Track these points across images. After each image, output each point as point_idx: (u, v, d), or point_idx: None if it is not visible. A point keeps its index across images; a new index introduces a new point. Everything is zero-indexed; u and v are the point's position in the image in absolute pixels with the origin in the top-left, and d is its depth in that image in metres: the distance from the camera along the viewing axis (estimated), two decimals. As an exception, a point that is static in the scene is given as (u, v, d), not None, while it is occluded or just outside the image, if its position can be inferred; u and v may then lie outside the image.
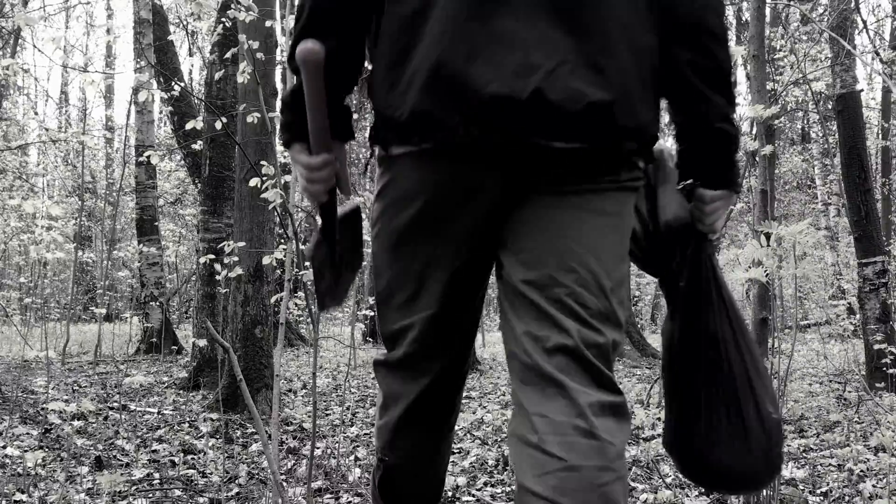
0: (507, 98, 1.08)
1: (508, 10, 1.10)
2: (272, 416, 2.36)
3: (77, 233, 11.57)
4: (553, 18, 1.10)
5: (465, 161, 1.14)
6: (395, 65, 1.15)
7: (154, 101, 9.39)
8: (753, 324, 2.30)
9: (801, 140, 16.54)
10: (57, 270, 18.27)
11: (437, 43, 1.11)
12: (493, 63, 1.09)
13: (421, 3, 1.14)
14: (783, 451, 1.38)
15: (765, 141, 2.31)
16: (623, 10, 1.14)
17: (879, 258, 5.37)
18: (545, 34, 1.10)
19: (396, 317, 1.28)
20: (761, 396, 1.29)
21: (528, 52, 1.09)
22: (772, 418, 1.30)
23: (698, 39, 1.20)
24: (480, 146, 1.12)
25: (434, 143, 1.13)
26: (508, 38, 1.09)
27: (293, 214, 2.44)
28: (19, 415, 4.08)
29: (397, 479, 1.42)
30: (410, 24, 1.14)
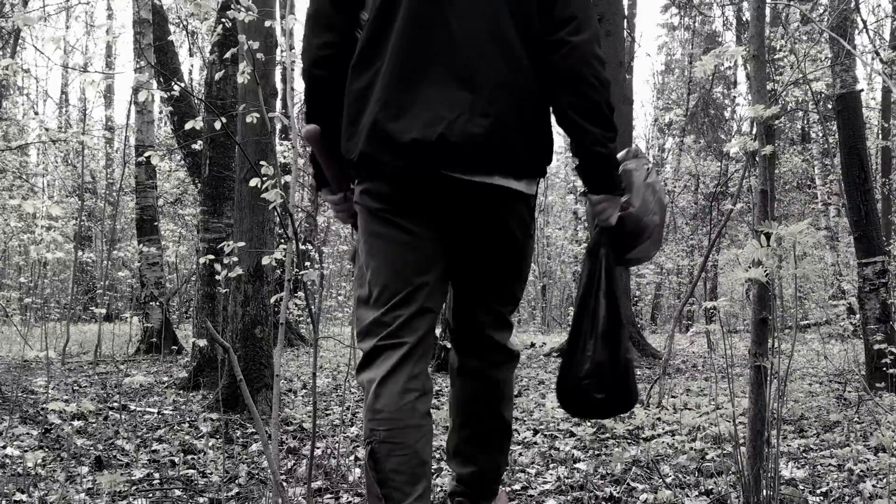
0: (421, 141, 1.58)
1: (427, 81, 1.61)
2: (272, 416, 2.36)
3: (77, 233, 11.57)
4: (457, 84, 1.60)
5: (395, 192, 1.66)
6: (351, 124, 1.68)
7: (154, 101, 9.38)
8: (753, 324, 2.30)
9: (801, 140, 16.54)
10: (57, 270, 18.26)
11: (376, 107, 1.62)
12: (413, 118, 1.59)
13: (369, 80, 1.65)
14: (636, 384, 1.87)
15: (765, 141, 2.31)
16: (506, 70, 1.62)
17: (879, 258, 5.37)
18: (450, 95, 1.60)
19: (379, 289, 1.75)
20: (623, 343, 1.81)
21: (437, 109, 1.59)
22: (626, 356, 1.82)
23: (577, 87, 1.64)
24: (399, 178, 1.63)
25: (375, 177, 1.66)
26: (424, 101, 1.60)
27: (293, 214, 2.44)
28: (19, 415, 4.08)
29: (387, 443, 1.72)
30: (361, 96, 1.66)
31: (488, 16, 1.63)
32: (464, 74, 1.61)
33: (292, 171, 2.82)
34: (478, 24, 1.62)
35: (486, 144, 1.60)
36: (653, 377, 5.99)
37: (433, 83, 1.61)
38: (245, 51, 2.86)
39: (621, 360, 1.81)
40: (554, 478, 2.98)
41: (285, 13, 2.90)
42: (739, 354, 8.68)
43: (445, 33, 1.62)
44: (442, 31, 1.62)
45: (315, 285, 8.37)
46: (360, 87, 1.67)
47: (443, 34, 1.62)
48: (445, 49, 1.62)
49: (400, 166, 1.61)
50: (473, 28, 1.62)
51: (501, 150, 1.62)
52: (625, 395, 1.84)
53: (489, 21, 1.63)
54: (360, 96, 1.66)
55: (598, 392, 1.80)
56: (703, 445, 3.46)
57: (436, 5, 1.62)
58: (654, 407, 4.56)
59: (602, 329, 1.79)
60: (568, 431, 3.95)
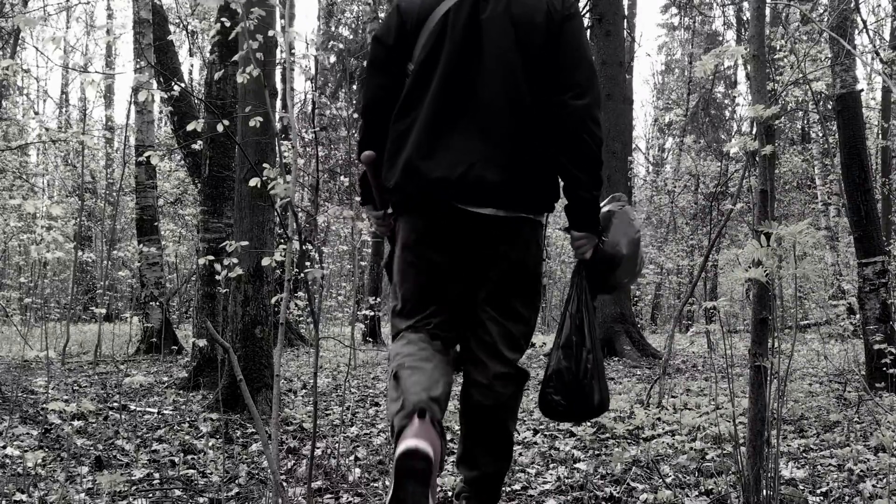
0: (444, 179, 1.97)
1: (454, 132, 2.00)
2: (272, 416, 2.36)
3: (77, 233, 11.56)
4: (478, 136, 1.99)
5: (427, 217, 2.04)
6: (391, 158, 2.07)
7: (154, 101, 9.38)
8: (753, 324, 2.30)
9: (801, 140, 16.55)
10: (57, 270, 18.26)
11: (412, 148, 2.02)
12: (440, 160, 1.99)
13: (408, 125, 2.05)
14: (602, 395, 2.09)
15: (765, 141, 2.31)
16: (519, 127, 2.01)
17: (879, 258, 5.37)
18: (471, 145, 1.99)
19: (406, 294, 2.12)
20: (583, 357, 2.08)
21: (460, 155, 1.98)
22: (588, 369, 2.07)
23: (573, 142, 2.02)
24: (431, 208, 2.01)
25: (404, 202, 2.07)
26: (450, 147, 1.99)
27: (296, 213, 2.44)
28: (19, 415, 4.08)
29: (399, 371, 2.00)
30: (401, 136, 2.05)
31: (508, 83, 2.02)
32: (484, 129, 2.00)
33: (292, 171, 2.82)
34: (498, 88, 2.02)
35: (497, 187, 1.98)
36: (653, 377, 5.98)
37: (459, 133, 2.01)
38: (247, 50, 2.87)
39: (581, 372, 2.07)
40: (554, 478, 2.98)
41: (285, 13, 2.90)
42: (739, 354, 8.67)
43: (472, 94, 2.02)
44: (469, 92, 2.02)
45: (316, 285, 8.36)
46: (401, 129, 2.06)
47: (469, 95, 2.02)
48: (470, 107, 2.02)
49: (425, 197, 2.01)
50: (494, 92, 2.01)
51: (510, 192, 2.00)
52: (584, 403, 2.07)
53: (508, 87, 2.02)
54: (400, 136, 2.06)
55: (557, 395, 2.09)
56: (703, 445, 3.46)
57: (466, 71, 2.03)
58: (654, 407, 4.55)
59: (563, 342, 2.11)
60: (568, 431, 3.95)
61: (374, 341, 11.37)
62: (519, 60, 2.02)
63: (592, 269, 2.16)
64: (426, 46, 2.05)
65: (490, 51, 2.02)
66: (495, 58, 2.02)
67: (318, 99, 16.24)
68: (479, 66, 2.02)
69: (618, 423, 3.98)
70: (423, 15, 2.07)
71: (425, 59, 2.04)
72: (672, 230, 17.51)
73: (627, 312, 9.13)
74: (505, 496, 2.78)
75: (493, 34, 2.03)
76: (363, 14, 17.45)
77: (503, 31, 2.02)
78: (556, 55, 2.03)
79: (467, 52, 2.03)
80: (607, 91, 9.36)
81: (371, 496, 2.76)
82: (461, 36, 2.03)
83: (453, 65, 2.02)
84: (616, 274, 2.17)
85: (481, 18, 2.04)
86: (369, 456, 3.42)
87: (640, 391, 5.33)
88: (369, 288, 13.04)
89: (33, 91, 22.31)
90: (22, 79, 17.96)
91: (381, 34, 2.15)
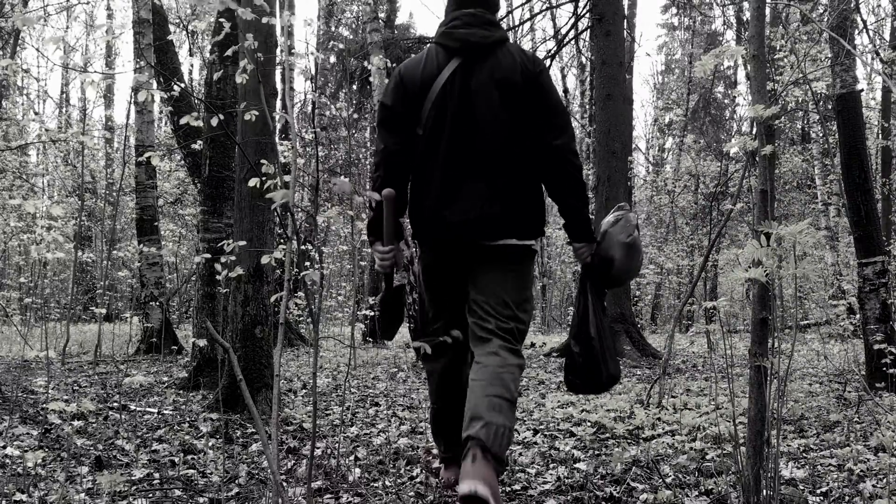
0: (461, 222, 2.51)
1: (464, 182, 2.51)
2: (272, 416, 2.36)
3: (77, 233, 11.56)
4: (483, 183, 2.50)
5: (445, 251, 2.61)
6: (417, 204, 2.61)
7: (154, 101, 9.38)
8: (753, 324, 2.30)
9: (801, 140, 16.54)
10: (57, 270, 18.26)
11: (434, 198, 2.54)
12: (458, 207, 2.51)
13: (427, 178, 2.55)
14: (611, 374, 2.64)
15: (765, 141, 2.31)
16: (513, 171, 2.52)
17: (879, 258, 5.37)
18: (478, 191, 2.50)
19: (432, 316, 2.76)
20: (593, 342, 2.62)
21: (472, 200, 2.50)
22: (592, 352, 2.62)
23: (559, 174, 2.55)
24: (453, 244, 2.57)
25: (428, 243, 2.62)
26: (463, 196, 2.51)
27: (294, 214, 2.44)
28: (19, 415, 4.08)
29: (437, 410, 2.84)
30: (423, 188, 2.58)
31: (500, 136, 2.52)
32: (486, 177, 2.52)
33: (292, 171, 2.82)
34: (495, 142, 2.52)
35: (501, 222, 2.53)
36: (653, 377, 5.98)
37: (468, 183, 2.53)
38: (246, 49, 2.86)
39: (588, 356, 2.62)
40: (554, 478, 2.98)
41: (285, 13, 2.90)
42: (739, 354, 8.67)
43: (473, 150, 2.53)
44: (471, 149, 2.53)
45: (315, 285, 8.35)
46: (422, 182, 2.60)
47: (472, 150, 2.53)
48: (474, 161, 2.53)
49: (450, 238, 2.56)
50: (491, 145, 2.52)
51: (510, 224, 2.54)
52: (595, 379, 2.64)
53: (502, 140, 2.53)
54: (423, 189, 2.60)
55: (570, 375, 2.69)
56: (703, 445, 3.46)
57: (466, 132, 2.53)
58: (654, 407, 4.55)
59: (574, 333, 2.68)
60: (568, 431, 3.95)
61: (374, 341, 11.36)
62: (506, 115, 2.53)
63: (593, 271, 2.66)
64: (432, 114, 2.55)
65: (482, 112, 2.52)
66: (487, 117, 2.52)
67: (318, 99, 16.24)
68: (475, 126, 2.52)
69: (618, 423, 3.98)
70: (425, 86, 2.55)
71: (433, 126, 2.55)
72: (672, 230, 17.50)
73: (627, 312, 9.12)
74: (505, 496, 2.78)
75: (482, 98, 2.52)
76: (363, 14, 17.45)
77: (490, 95, 2.52)
78: (536, 105, 2.54)
79: (465, 117, 2.53)
80: (607, 91, 9.36)
81: (371, 496, 2.76)
82: (458, 104, 2.53)
83: (456, 128, 2.53)
84: (613, 272, 2.63)
85: (472, 87, 2.53)
86: (369, 456, 3.42)
87: (640, 391, 5.33)
88: (369, 288, 13.04)
89: (33, 91, 22.33)
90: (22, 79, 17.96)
91: (388, 101, 2.62)
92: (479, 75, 2.53)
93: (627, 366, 7.82)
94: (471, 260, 2.60)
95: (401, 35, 14.07)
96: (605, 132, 9.36)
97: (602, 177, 9.31)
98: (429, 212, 2.56)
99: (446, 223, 2.53)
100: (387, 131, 2.62)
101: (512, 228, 2.54)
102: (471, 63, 2.54)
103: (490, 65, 2.53)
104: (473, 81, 2.53)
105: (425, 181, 2.57)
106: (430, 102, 2.54)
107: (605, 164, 9.30)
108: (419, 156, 2.58)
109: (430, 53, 2.61)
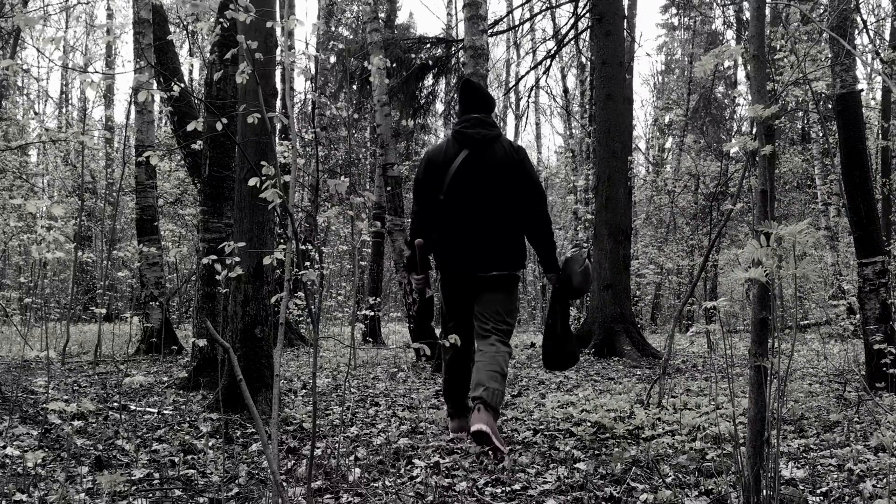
0: (468, 259, 3.72)
1: (474, 234, 3.69)
2: (272, 416, 2.36)
3: (77, 233, 11.57)
4: (484, 238, 3.69)
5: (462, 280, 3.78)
6: (442, 250, 3.80)
7: (154, 101, 9.39)
8: (753, 324, 2.30)
9: (801, 140, 16.54)
10: (57, 270, 18.26)
11: (449, 243, 3.76)
12: (464, 250, 3.71)
13: (449, 234, 3.75)
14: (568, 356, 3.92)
15: (765, 141, 2.31)
16: (502, 229, 3.70)
17: (879, 258, 5.36)
18: (480, 243, 3.70)
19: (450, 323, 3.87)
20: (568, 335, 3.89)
21: (474, 245, 3.70)
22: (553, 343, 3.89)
23: (537, 230, 3.76)
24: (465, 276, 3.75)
25: (448, 275, 3.80)
26: (468, 241, 3.71)
27: (293, 214, 2.44)
28: (19, 415, 4.08)
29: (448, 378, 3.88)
30: (446, 240, 3.77)
31: (496, 203, 3.71)
32: (485, 229, 3.70)
33: (292, 171, 2.82)
34: (491, 206, 3.70)
35: (495, 258, 3.69)
36: (653, 377, 5.98)
37: (473, 233, 3.70)
38: (244, 50, 2.86)
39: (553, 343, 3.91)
40: (554, 478, 2.98)
41: (284, 13, 2.90)
42: (739, 354, 8.67)
43: (477, 211, 3.70)
44: (475, 210, 3.70)
45: (315, 285, 8.36)
46: (442, 231, 3.78)
47: (476, 212, 3.70)
48: (477, 218, 3.70)
49: (461, 270, 3.74)
50: (489, 208, 3.70)
51: (500, 261, 3.71)
52: (558, 359, 3.93)
53: (496, 205, 3.71)
54: (443, 236, 3.79)
55: (545, 357, 3.98)
56: (703, 445, 3.46)
57: (475, 200, 3.70)
58: (654, 407, 4.55)
59: (545, 327, 3.97)
60: (568, 431, 3.95)
61: (374, 341, 11.35)
62: (499, 188, 3.70)
63: (559, 288, 3.88)
64: (449, 186, 3.72)
65: (483, 186, 3.70)
66: (486, 190, 3.70)
67: (318, 99, 16.23)
68: (478, 196, 3.70)
69: (618, 423, 3.98)
70: (445, 166, 3.74)
71: (450, 194, 3.73)
72: (672, 230, 17.50)
73: (627, 312, 9.13)
74: (505, 496, 2.78)
75: (483, 177, 3.70)
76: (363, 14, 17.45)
77: (488, 174, 3.70)
78: (520, 181, 3.72)
79: (471, 189, 3.71)
80: (607, 91, 9.36)
81: (371, 496, 2.76)
82: (466, 180, 3.70)
83: (465, 196, 3.71)
84: (573, 289, 3.84)
85: (476, 169, 3.70)
86: (369, 456, 3.42)
87: (640, 391, 5.33)
88: (369, 288, 13.03)
89: (33, 91, 22.33)
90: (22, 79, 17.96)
91: (420, 176, 3.83)
92: (480, 161, 3.71)
93: (627, 366, 7.82)
94: (474, 284, 3.76)
95: (401, 35, 14.07)
96: (605, 132, 9.36)
97: (602, 177, 9.30)
98: (447, 252, 3.77)
99: (458, 260, 3.74)
100: (419, 197, 3.83)
101: (501, 264, 3.70)
102: (475, 152, 3.72)
103: (488, 154, 3.70)
104: (477, 165, 3.71)
105: (444, 231, 3.77)
106: (448, 178, 3.71)
107: (605, 164, 9.30)
108: (440, 213, 3.76)
109: (448, 143, 3.80)
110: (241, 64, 2.90)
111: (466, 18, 7.45)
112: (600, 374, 7.08)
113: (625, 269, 9.23)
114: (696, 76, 18.04)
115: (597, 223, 9.41)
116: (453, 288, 3.79)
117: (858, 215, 5.41)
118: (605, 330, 8.85)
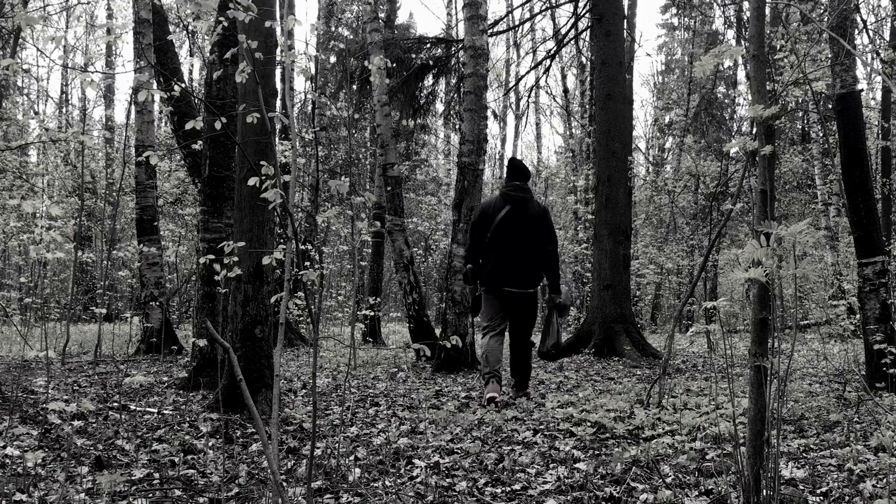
0: (504, 280, 5.30)
1: (511, 262, 5.28)
2: (272, 416, 2.36)
3: (77, 233, 11.56)
4: (521, 262, 5.30)
5: (500, 293, 5.33)
6: (487, 273, 5.34)
7: (154, 101, 9.38)
8: (753, 324, 2.30)
9: (801, 140, 16.53)
10: (57, 270, 18.26)
11: (492, 269, 5.32)
12: (502, 274, 5.29)
13: (490, 259, 5.32)
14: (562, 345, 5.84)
15: (765, 141, 2.31)
16: (532, 259, 5.32)
17: (879, 258, 5.36)
18: (517, 268, 5.30)
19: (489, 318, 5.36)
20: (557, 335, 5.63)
21: (509, 271, 5.29)
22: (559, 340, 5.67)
23: (549, 265, 5.43)
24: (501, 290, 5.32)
25: (490, 288, 5.35)
26: (506, 268, 5.29)
27: (293, 214, 2.44)
28: (19, 415, 4.08)
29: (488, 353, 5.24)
30: (491, 265, 5.31)
31: (530, 242, 5.25)
32: (518, 260, 5.24)
33: (292, 171, 2.82)
34: (524, 246, 5.24)
35: (523, 280, 5.25)
36: (653, 377, 5.98)
37: (509, 263, 5.23)
38: (244, 50, 2.86)
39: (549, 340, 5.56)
40: (554, 478, 2.98)
41: (284, 13, 2.89)
42: (739, 354, 8.67)
43: (514, 249, 5.23)
44: (512, 248, 5.23)
45: (315, 285, 8.36)
46: (487, 261, 5.27)
47: (513, 249, 5.23)
48: (513, 253, 5.23)
49: (499, 287, 5.24)
50: (522, 247, 5.24)
51: (526, 281, 5.27)
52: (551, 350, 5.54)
53: (527, 245, 5.24)
54: (487, 264, 5.27)
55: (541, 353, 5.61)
56: (703, 445, 3.46)
57: (511, 240, 5.22)
58: (654, 407, 4.55)
59: (543, 336, 5.63)
60: (568, 431, 3.95)
61: (374, 341, 11.35)
62: (528, 234, 5.22)
63: (557, 306, 5.51)
64: (495, 230, 5.21)
65: (520, 232, 5.21)
66: (522, 235, 5.21)
67: (318, 99, 16.23)
68: (516, 239, 5.20)
69: (618, 423, 3.98)
70: (493, 215, 5.24)
71: (495, 236, 5.22)
72: (672, 230, 17.50)
73: (627, 312, 9.13)
74: (505, 496, 2.78)
75: (520, 224, 5.21)
76: (363, 14, 17.44)
77: (524, 224, 5.22)
78: (543, 230, 5.27)
79: (512, 233, 5.19)
80: (607, 91, 9.36)
81: (371, 496, 2.76)
82: (509, 226, 5.20)
83: (506, 239, 5.20)
84: (565, 307, 5.55)
85: (515, 220, 5.20)
86: (369, 456, 3.42)
87: (640, 391, 5.33)
88: (369, 288, 13.02)
89: (33, 91, 22.32)
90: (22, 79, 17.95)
91: (476, 220, 5.36)
92: (518, 214, 5.21)
93: (627, 366, 7.82)
94: (508, 296, 5.23)
95: (401, 35, 14.07)
96: (605, 132, 9.36)
97: (602, 177, 9.30)
98: (490, 275, 5.24)
99: (499, 280, 5.21)
100: (473, 236, 5.34)
101: (527, 283, 5.24)
102: (516, 208, 5.22)
103: (526, 210, 5.22)
104: (515, 217, 5.21)
105: (489, 260, 5.24)
106: (494, 225, 5.21)
107: (605, 164, 9.30)
108: (487, 249, 5.24)
109: (497, 198, 5.34)
110: (240, 63, 2.90)
111: (466, 18, 7.46)
112: (600, 374, 7.09)
113: (625, 269, 9.23)
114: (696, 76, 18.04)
115: (597, 223, 9.41)
116: (494, 298, 5.25)
117: (858, 215, 5.41)
118: (605, 330, 8.85)
